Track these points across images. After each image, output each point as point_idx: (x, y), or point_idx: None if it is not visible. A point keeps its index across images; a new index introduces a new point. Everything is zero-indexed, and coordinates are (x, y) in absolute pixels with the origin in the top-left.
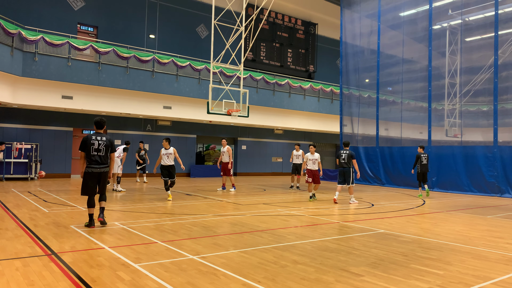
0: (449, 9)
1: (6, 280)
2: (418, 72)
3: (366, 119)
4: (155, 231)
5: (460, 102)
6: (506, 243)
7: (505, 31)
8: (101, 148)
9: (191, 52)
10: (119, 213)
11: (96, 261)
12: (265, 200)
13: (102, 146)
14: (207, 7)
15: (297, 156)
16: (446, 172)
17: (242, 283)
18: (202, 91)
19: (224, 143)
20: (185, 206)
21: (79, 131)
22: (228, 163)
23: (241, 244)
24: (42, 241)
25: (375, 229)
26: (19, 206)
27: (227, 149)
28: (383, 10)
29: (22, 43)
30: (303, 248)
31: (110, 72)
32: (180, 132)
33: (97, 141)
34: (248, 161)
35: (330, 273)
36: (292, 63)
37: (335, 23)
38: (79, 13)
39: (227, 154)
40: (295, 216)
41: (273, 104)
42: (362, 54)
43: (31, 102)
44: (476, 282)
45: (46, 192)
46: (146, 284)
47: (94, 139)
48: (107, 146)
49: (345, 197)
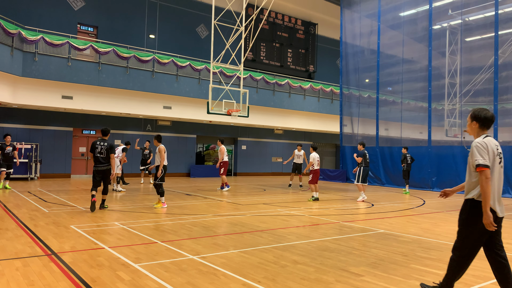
0: (449, 9)
1: (6, 280)
2: (418, 72)
3: (366, 119)
4: (155, 231)
5: (460, 102)
6: (506, 243)
7: (505, 31)
8: (103, 151)
9: (191, 52)
10: (119, 213)
11: (96, 261)
12: (265, 200)
13: (104, 150)
14: (207, 7)
15: (298, 156)
16: (446, 172)
17: (242, 283)
18: (202, 91)
19: (219, 143)
20: (185, 206)
21: (79, 131)
22: (217, 163)
23: (241, 244)
24: (42, 241)
25: (375, 229)
26: (19, 206)
27: (219, 149)
28: (383, 10)
29: (22, 43)
30: (303, 248)
31: (110, 72)
32: (180, 132)
33: (100, 146)
34: (248, 161)
35: (330, 273)
36: (292, 63)
37: (335, 23)
38: (79, 13)
39: (219, 154)
40: (295, 216)
41: (273, 104)
42: (362, 54)
43: (31, 102)
44: (476, 282)
45: (46, 192)
46: (146, 284)
47: (98, 144)
48: (107, 149)
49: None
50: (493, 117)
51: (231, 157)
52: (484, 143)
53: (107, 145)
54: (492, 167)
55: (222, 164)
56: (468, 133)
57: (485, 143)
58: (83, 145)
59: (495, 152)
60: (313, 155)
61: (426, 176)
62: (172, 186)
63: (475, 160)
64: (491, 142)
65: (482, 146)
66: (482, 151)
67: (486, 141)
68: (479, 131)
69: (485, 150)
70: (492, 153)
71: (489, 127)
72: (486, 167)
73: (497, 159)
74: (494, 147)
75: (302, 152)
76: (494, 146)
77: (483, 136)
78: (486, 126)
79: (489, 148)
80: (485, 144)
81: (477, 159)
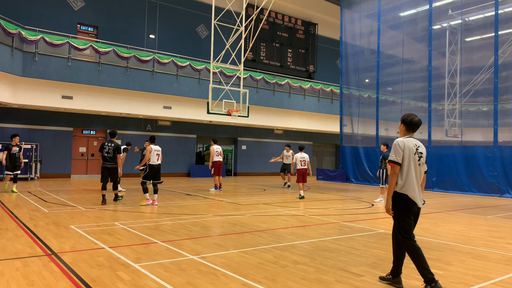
0: (449, 9)
1: (6, 280)
2: (418, 72)
3: (366, 119)
4: (155, 231)
5: (460, 102)
6: (506, 243)
7: (505, 31)
8: (110, 151)
9: (191, 52)
10: (119, 213)
11: (96, 261)
12: (265, 200)
13: (111, 150)
14: (207, 7)
15: (286, 156)
16: (446, 172)
17: (242, 283)
18: (202, 91)
19: (212, 142)
20: (185, 206)
21: (79, 131)
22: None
23: (241, 244)
24: (42, 241)
25: (375, 229)
26: (19, 206)
27: (210, 148)
28: (383, 10)
29: (22, 43)
30: (303, 248)
31: (110, 72)
32: (180, 132)
33: (108, 146)
34: (248, 161)
35: (330, 273)
36: (292, 63)
37: (335, 23)
38: (79, 13)
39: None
40: (295, 216)
41: (273, 104)
42: (362, 54)
43: (31, 102)
44: (476, 282)
45: (46, 192)
46: (146, 284)
47: (106, 144)
48: (114, 150)
49: (345, 197)
50: (418, 122)
51: (231, 157)
52: (403, 142)
53: (114, 145)
54: (408, 163)
55: (212, 164)
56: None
57: (404, 143)
58: (83, 145)
59: (413, 151)
60: (296, 155)
61: (426, 176)
62: (172, 186)
63: (389, 156)
64: (409, 143)
65: (399, 145)
66: (397, 150)
67: (406, 141)
68: (405, 133)
69: (401, 149)
70: (409, 151)
71: (415, 130)
72: (395, 163)
73: (416, 157)
74: (412, 147)
75: (290, 153)
76: (413, 146)
77: (406, 137)
78: (412, 129)
79: (406, 147)
80: (403, 143)
81: (391, 155)
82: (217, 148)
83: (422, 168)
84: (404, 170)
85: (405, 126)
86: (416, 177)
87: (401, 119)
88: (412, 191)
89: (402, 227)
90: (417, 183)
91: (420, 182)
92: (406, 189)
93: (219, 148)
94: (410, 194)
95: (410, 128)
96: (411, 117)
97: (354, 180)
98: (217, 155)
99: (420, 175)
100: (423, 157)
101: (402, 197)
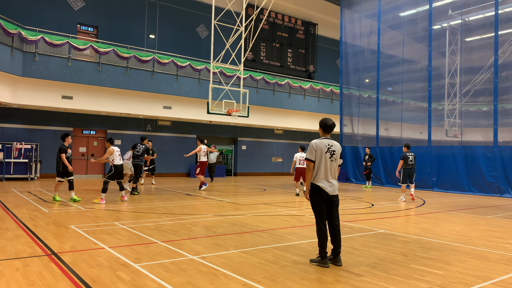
0: (449, 9)
1: (6, 280)
2: (418, 72)
3: (366, 119)
4: (155, 231)
5: (460, 102)
6: (506, 243)
7: (505, 31)
8: (139, 151)
9: (191, 52)
10: (119, 213)
11: (96, 261)
12: (265, 200)
13: (141, 150)
14: (207, 7)
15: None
16: (446, 172)
17: (242, 283)
18: (202, 91)
19: (198, 142)
20: (185, 206)
21: (79, 131)
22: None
23: (241, 244)
24: (42, 241)
25: (375, 229)
26: (19, 206)
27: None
28: (383, 10)
29: (22, 43)
30: (303, 248)
31: (110, 72)
32: (180, 132)
33: (139, 147)
34: (248, 161)
35: (330, 273)
36: (292, 63)
37: (335, 23)
38: (79, 13)
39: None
40: (295, 216)
41: (273, 104)
42: (362, 54)
43: (31, 102)
44: (476, 282)
45: (46, 192)
46: (146, 284)
47: (138, 145)
48: (143, 151)
49: (345, 197)
50: (332, 125)
51: (231, 157)
52: (316, 143)
53: (144, 147)
54: (320, 160)
55: (199, 164)
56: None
57: (316, 144)
58: (83, 145)
59: (324, 150)
60: (296, 155)
61: (426, 176)
62: (172, 186)
63: (306, 154)
64: (322, 143)
65: (313, 146)
66: (311, 149)
67: (319, 142)
68: (322, 134)
69: (314, 149)
70: (321, 150)
71: (329, 132)
72: (309, 160)
73: (327, 154)
74: (324, 146)
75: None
76: (325, 146)
77: (321, 138)
78: (326, 131)
79: (318, 146)
80: (315, 144)
81: (307, 154)
82: (204, 148)
83: (335, 163)
84: (316, 165)
85: (321, 129)
86: (325, 170)
87: (319, 122)
88: (322, 181)
89: (315, 209)
90: (326, 174)
91: (334, 174)
92: (317, 180)
93: (205, 149)
94: (320, 184)
95: (325, 130)
96: (325, 121)
97: (354, 180)
98: (204, 155)
99: (333, 169)
100: (336, 154)
101: (314, 187)
